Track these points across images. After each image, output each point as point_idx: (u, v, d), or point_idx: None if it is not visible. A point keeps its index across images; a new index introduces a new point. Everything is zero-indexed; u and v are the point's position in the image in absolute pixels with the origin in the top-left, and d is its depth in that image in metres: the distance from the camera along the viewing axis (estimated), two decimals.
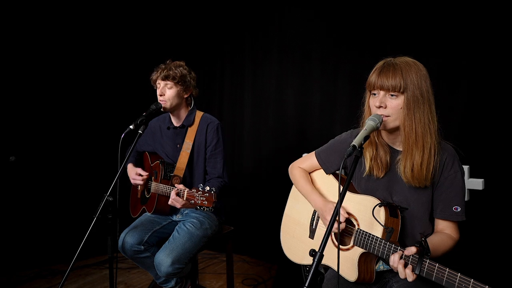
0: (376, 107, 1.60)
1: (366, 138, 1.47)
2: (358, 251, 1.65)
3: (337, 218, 1.41)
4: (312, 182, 2.00)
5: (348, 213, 1.75)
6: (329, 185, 1.94)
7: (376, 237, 1.58)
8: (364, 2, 3.20)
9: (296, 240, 1.99)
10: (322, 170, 1.96)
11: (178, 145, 2.50)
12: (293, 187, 2.12)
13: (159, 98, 2.38)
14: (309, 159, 2.02)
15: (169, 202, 2.16)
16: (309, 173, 2.03)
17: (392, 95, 1.57)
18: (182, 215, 2.50)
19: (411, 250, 1.41)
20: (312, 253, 1.38)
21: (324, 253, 1.80)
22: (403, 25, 2.99)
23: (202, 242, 2.35)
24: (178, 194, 2.11)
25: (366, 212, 1.67)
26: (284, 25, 3.70)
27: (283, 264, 3.41)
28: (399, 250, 1.46)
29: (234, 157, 4.05)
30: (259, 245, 3.80)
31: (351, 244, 1.70)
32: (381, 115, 1.58)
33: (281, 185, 3.52)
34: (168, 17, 4.19)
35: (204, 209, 1.98)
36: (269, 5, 3.77)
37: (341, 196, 1.42)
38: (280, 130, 3.79)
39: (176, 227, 2.38)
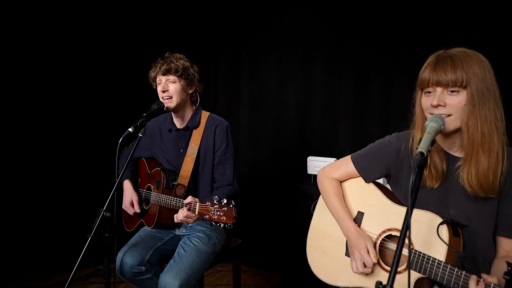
0: (433, 106, 1.36)
1: (432, 142, 1.22)
2: (413, 275, 1.41)
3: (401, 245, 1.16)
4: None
5: (398, 230, 1.51)
6: (358, 193, 1.71)
7: (439, 261, 1.34)
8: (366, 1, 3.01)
9: (328, 258, 1.74)
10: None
11: (181, 150, 2.19)
12: (322, 197, 1.86)
13: (162, 95, 2.07)
14: (343, 166, 1.76)
15: (179, 219, 1.83)
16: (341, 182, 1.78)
17: (452, 91, 1.34)
18: (186, 229, 2.20)
19: (492, 279, 1.18)
20: (380, 285, 1.12)
21: (364, 275, 1.59)
22: (409, 22, 2.82)
23: (210, 259, 2.07)
24: (189, 209, 1.81)
25: (421, 229, 1.44)
26: (283, 24, 3.47)
27: (288, 274, 3.17)
28: (474, 277, 1.22)
29: None
30: (257, 252, 3.54)
31: (404, 266, 1.46)
32: (441, 114, 1.34)
33: (281, 188, 3.33)
34: (163, 15, 3.90)
35: (220, 225, 1.69)
36: (267, 4, 3.53)
37: (406, 223, 1.16)
38: (280, 131, 3.54)
39: (181, 242, 2.08)
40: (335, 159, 2.97)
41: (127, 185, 2.27)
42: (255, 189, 3.63)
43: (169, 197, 2.00)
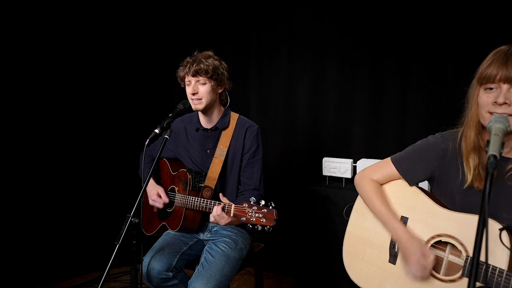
0: (499, 104, 1.31)
1: (502, 144, 1.17)
2: None
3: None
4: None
5: (449, 235, 1.46)
6: (400, 197, 1.65)
7: (501, 269, 1.29)
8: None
9: (369, 265, 1.68)
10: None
11: (208, 151, 2.10)
12: (359, 201, 1.80)
13: (192, 97, 1.99)
14: (383, 168, 1.70)
15: (211, 219, 1.76)
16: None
17: None
18: (210, 233, 2.11)
19: None
20: None
21: (412, 283, 1.53)
22: (427, 21, 2.77)
23: (238, 265, 1.99)
24: (223, 209, 1.73)
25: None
26: (294, 23, 3.37)
27: (302, 278, 3.10)
28: None
29: None
30: (267, 255, 3.45)
31: (459, 275, 1.40)
32: (504, 114, 1.29)
33: (294, 191, 3.25)
34: (172, 13, 3.75)
35: (258, 227, 1.61)
36: (277, 2, 3.43)
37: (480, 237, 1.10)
38: (291, 132, 3.45)
39: (206, 248, 1.99)
40: (351, 160, 2.92)
41: (151, 181, 2.18)
42: (267, 192, 3.54)
43: (198, 199, 1.91)
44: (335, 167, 2.95)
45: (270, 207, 1.60)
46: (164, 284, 1.92)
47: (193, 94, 1.98)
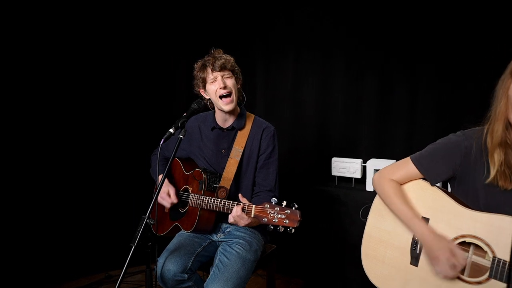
0: None
1: None
2: (497, 286, 1.34)
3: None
4: None
5: (474, 236, 1.44)
6: (419, 198, 1.63)
7: None
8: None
9: (389, 267, 1.66)
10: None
11: (223, 151, 2.07)
12: (376, 202, 1.78)
13: (222, 92, 1.94)
14: (403, 168, 1.68)
15: (231, 220, 1.74)
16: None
17: None
18: (223, 234, 2.08)
19: None
20: None
21: (437, 284, 1.51)
22: (437, 20, 2.75)
23: (253, 267, 1.96)
24: (243, 210, 1.70)
25: (502, 235, 1.37)
26: (300, 24, 3.35)
27: (311, 279, 3.08)
28: None
29: None
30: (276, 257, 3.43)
31: (485, 276, 1.38)
32: None
33: (303, 191, 3.21)
34: (176, 14, 3.70)
35: (280, 229, 1.59)
36: (284, 3, 3.41)
37: None
38: (298, 132, 3.43)
39: (220, 249, 1.96)
40: (361, 160, 2.90)
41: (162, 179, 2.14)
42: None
43: (214, 199, 1.88)
44: (345, 167, 2.94)
45: (293, 208, 1.57)
46: (179, 286, 1.89)
47: (223, 88, 1.93)
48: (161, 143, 1.71)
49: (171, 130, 1.73)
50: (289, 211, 1.56)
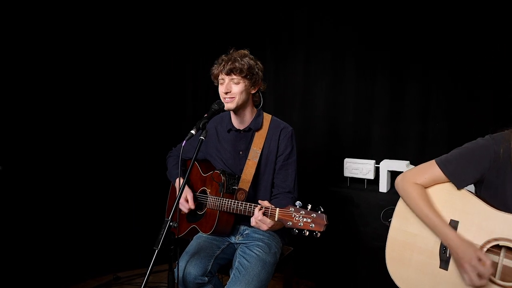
0: None
1: None
2: None
3: None
4: None
5: (508, 239, 1.41)
6: (447, 200, 1.61)
7: None
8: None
9: (417, 271, 1.63)
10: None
11: (240, 152, 2.03)
12: (400, 205, 1.75)
13: (224, 96, 1.93)
14: (428, 171, 1.65)
15: (253, 223, 1.70)
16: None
17: None
18: (242, 236, 2.05)
19: None
20: None
21: None
22: (450, 20, 2.73)
23: (273, 270, 1.93)
24: (264, 213, 1.67)
25: None
26: (311, 24, 3.31)
27: (321, 282, 3.05)
28: None
29: None
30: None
31: None
32: None
33: (315, 193, 3.17)
34: (187, 14, 3.67)
35: (305, 233, 1.56)
36: (295, 3, 3.38)
37: None
38: (309, 132, 3.40)
39: (239, 252, 1.93)
40: (374, 161, 2.88)
41: (177, 181, 2.11)
42: None
43: (235, 202, 1.84)
44: (357, 168, 2.91)
45: (319, 212, 1.54)
46: None
47: (226, 93, 1.91)
48: (182, 144, 1.68)
49: (193, 132, 1.71)
50: (315, 215, 1.53)
